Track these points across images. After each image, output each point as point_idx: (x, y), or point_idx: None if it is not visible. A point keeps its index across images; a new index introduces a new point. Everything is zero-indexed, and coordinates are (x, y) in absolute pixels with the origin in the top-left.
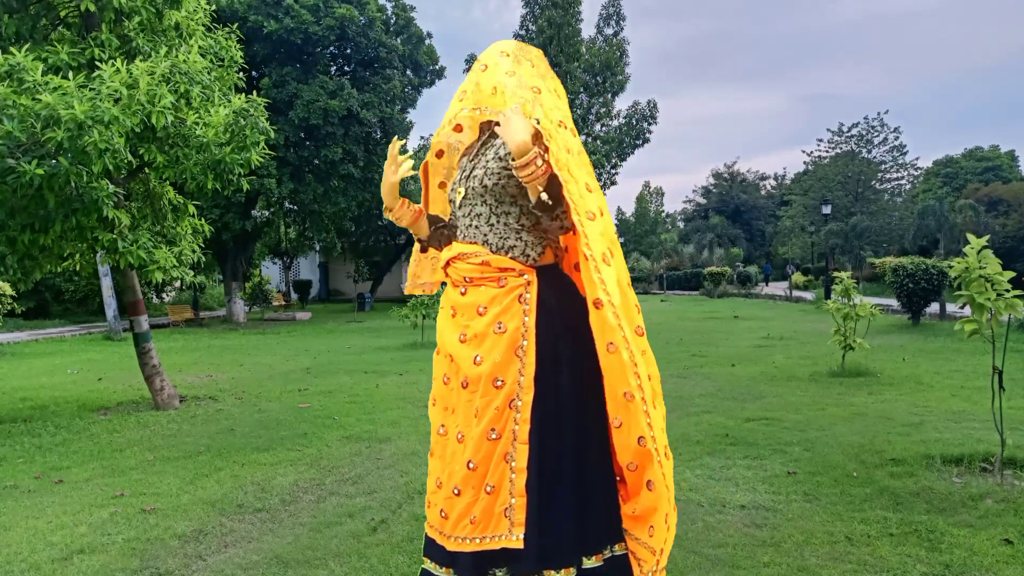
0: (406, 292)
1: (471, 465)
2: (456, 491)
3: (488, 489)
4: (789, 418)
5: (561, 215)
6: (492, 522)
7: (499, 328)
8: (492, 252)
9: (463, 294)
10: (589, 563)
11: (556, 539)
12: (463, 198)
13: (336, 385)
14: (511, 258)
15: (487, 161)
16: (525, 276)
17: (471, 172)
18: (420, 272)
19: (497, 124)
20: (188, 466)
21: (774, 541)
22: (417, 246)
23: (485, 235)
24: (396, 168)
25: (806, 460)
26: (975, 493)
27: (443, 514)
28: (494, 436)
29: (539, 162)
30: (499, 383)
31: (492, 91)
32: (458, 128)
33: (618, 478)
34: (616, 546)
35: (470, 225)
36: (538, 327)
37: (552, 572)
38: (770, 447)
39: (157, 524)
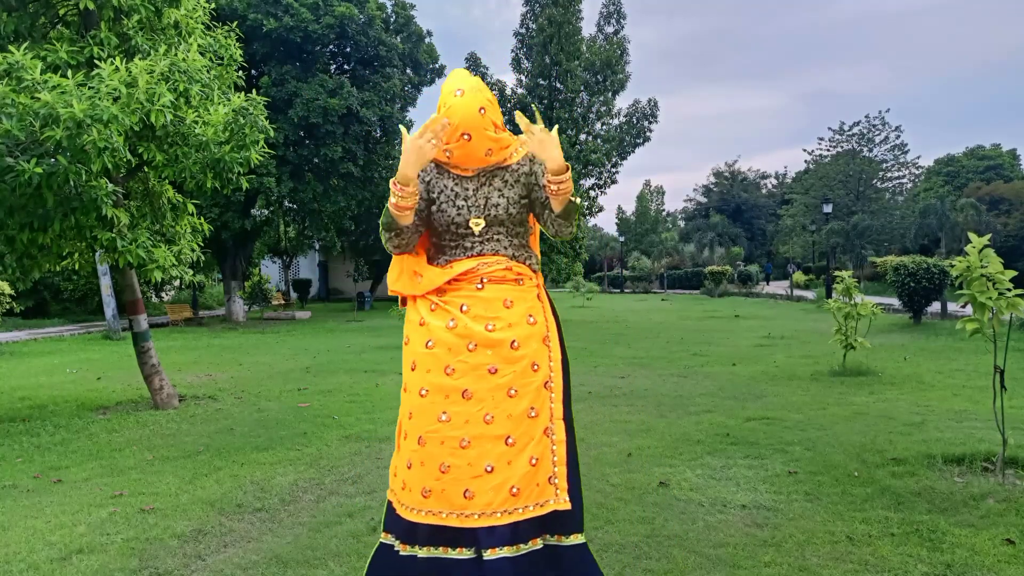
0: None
1: (509, 441)
2: (489, 468)
3: (533, 461)
4: (790, 417)
5: (574, 221)
6: (537, 491)
7: (531, 320)
8: (512, 259)
9: (480, 289)
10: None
11: (579, 507)
12: (483, 228)
13: (336, 384)
14: (527, 265)
15: (505, 191)
16: (535, 279)
17: (488, 201)
18: (400, 283)
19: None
20: (187, 466)
21: (775, 541)
22: (401, 253)
23: (505, 247)
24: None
25: (807, 460)
26: (977, 493)
27: (467, 494)
28: (533, 414)
29: (568, 176)
30: (536, 367)
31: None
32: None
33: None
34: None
35: (489, 239)
36: (556, 320)
37: (575, 534)
38: (771, 447)
39: (156, 524)
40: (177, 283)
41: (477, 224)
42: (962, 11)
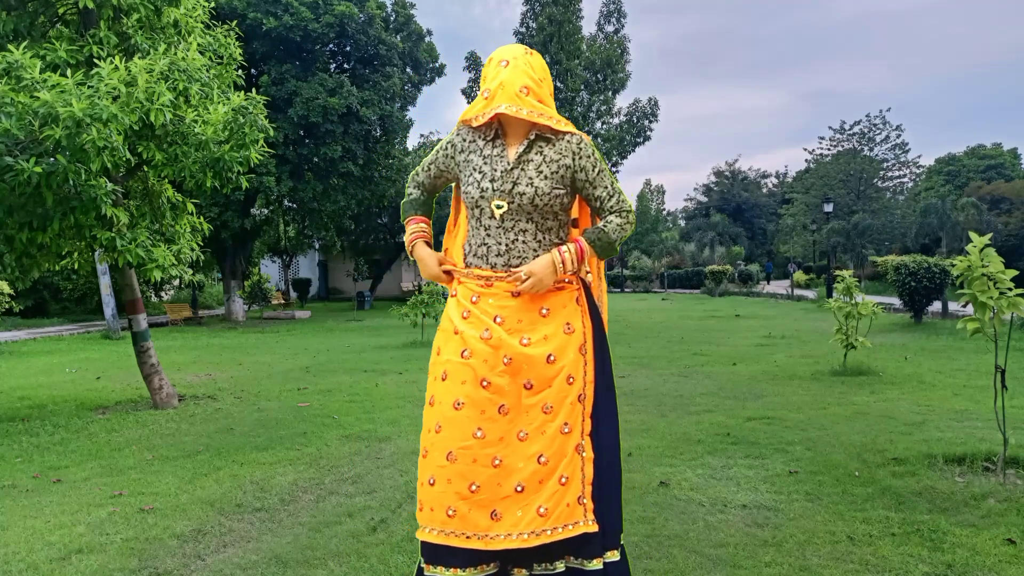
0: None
1: (542, 459)
2: (519, 488)
3: (562, 480)
4: (791, 417)
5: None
6: (567, 512)
7: (568, 329)
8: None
9: (515, 296)
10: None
11: (604, 527)
12: (505, 212)
13: (335, 384)
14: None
15: (536, 180)
16: (575, 283)
17: (514, 187)
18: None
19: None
20: (187, 465)
21: (776, 541)
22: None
23: (535, 251)
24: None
25: (808, 459)
26: (978, 493)
27: (495, 516)
28: (567, 430)
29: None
30: (571, 380)
31: (523, 91)
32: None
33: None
34: (614, 551)
35: (515, 241)
36: (593, 327)
37: (598, 559)
38: (771, 446)
39: (156, 524)
40: (176, 282)
41: (499, 208)
42: (962, 11)
